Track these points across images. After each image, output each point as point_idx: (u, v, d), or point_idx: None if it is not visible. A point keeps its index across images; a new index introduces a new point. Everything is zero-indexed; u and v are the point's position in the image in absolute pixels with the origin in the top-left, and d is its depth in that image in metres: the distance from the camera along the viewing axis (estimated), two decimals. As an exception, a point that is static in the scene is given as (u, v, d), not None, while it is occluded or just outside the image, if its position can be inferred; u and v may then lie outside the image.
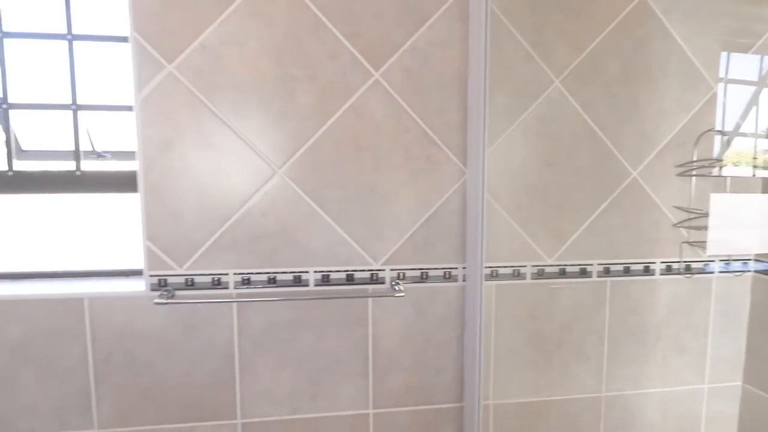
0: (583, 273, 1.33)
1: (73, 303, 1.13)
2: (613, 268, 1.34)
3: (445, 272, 1.25)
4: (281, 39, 1.13)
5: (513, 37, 1.22)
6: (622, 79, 1.29)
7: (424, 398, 1.28)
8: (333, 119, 1.17)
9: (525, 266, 1.30)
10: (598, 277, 1.33)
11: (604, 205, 1.31)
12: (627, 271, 1.35)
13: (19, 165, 1.26)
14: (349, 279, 1.22)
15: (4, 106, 1.20)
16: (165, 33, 1.09)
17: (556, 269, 1.31)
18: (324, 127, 1.17)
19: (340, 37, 1.15)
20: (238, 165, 1.15)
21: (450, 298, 1.26)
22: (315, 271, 1.20)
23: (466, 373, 1.26)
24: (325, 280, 1.21)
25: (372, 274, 1.23)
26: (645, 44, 1.29)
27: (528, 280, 1.30)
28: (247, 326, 1.19)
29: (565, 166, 1.28)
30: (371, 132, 1.19)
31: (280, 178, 1.17)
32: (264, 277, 1.19)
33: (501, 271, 1.29)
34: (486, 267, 1.20)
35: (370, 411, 1.26)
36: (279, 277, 1.19)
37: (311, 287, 1.21)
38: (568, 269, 1.32)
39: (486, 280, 1.22)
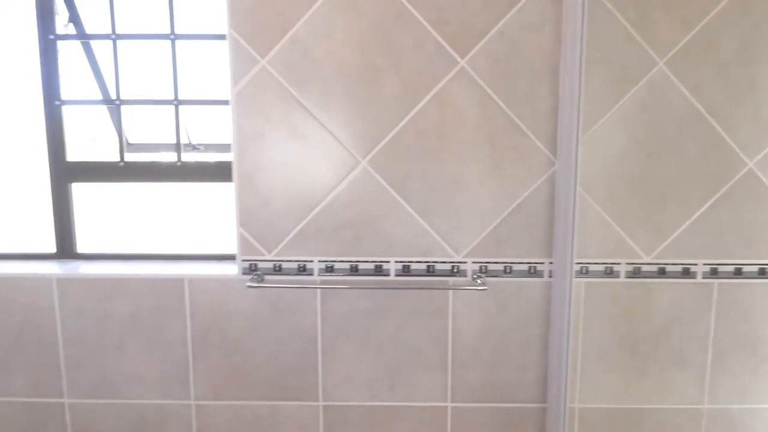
0: (686, 273, 1.21)
1: (175, 283, 1.22)
2: (721, 269, 1.21)
3: (530, 267, 1.20)
4: (367, 29, 1.14)
5: (611, 17, 1.14)
6: (738, 59, 1.15)
7: (504, 395, 1.25)
8: (416, 109, 1.16)
9: (619, 264, 1.21)
10: (704, 278, 1.21)
11: (714, 198, 1.19)
12: (738, 273, 1.21)
13: (128, 157, 1.38)
14: (430, 270, 1.21)
15: (117, 102, 1.33)
16: (258, 29, 1.14)
17: (654, 268, 1.21)
18: (407, 117, 1.16)
19: (426, 24, 1.13)
20: (324, 155, 1.18)
21: (535, 294, 1.21)
22: (396, 261, 1.21)
23: (551, 372, 1.21)
24: (406, 270, 1.21)
25: (453, 266, 1.21)
26: (765, 20, 1.14)
27: (622, 279, 1.21)
28: (329, 312, 1.22)
29: (667, 156, 1.18)
30: (455, 121, 1.16)
31: (363, 168, 1.18)
32: (346, 265, 1.21)
33: (592, 268, 1.21)
34: (576, 263, 1.13)
35: (449, 404, 1.25)
36: (361, 265, 1.21)
37: (392, 277, 1.21)
38: (669, 268, 1.21)
39: (575, 277, 1.16)
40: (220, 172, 1.29)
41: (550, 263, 1.20)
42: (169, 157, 1.38)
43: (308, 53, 1.15)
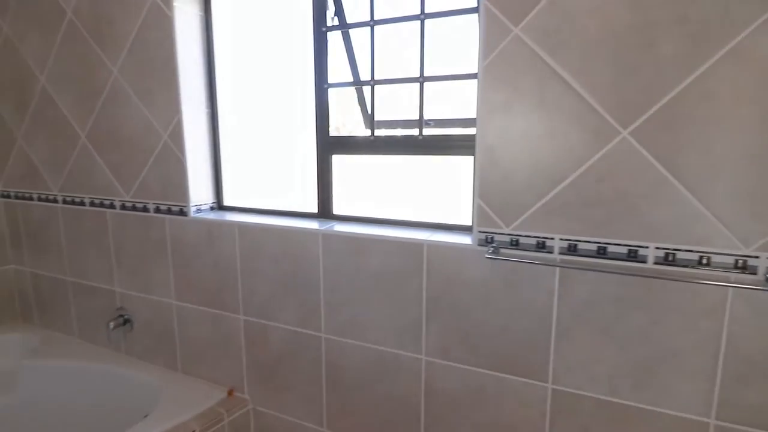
0: None
1: (415, 247, 1.33)
2: None
3: None
4: (642, -21, 0.99)
5: None
6: None
7: (800, 428, 0.99)
8: (703, 68, 0.97)
9: None
10: None
11: None
12: None
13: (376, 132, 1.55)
14: (703, 262, 1.02)
15: (372, 83, 1.48)
16: (513, -4, 1.11)
17: None
18: (689, 79, 0.98)
19: (728, -38, 0.92)
20: (576, 126, 1.10)
21: None
22: (656, 248, 1.06)
23: None
24: (668, 258, 1.05)
25: (738, 260, 0.99)
26: None
27: None
28: (568, 294, 1.16)
29: None
30: (759, 81, 0.93)
31: (623, 139, 1.05)
32: (593, 246, 1.12)
33: None
34: None
35: (712, 421, 1.06)
36: (610, 248, 1.10)
37: (649, 264, 1.07)
38: None
39: None
40: (458, 145, 1.33)
41: None
42: (408, 132, 1.49)
43: (567, 15, 1.06)
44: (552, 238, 1.16)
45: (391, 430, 1.47)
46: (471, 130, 1.29)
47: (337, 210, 1.61)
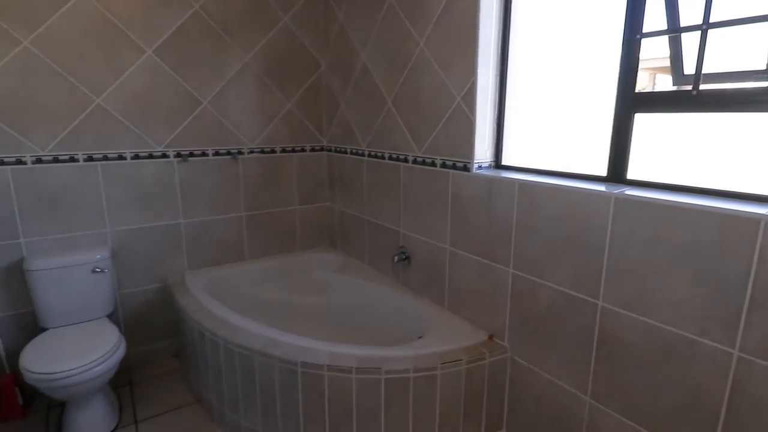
0: None
1: (746, 223, 1.11)
2: None
3: None
4: None
5: None
6: None
7: None
8: None
9: None
10: None
11: None
12: None
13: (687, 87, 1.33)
14: None
15: (704, 26, 1.27)
16: None
17: None
18: None
19: None
20: None
21: None
22: None
23: None
24: None
25: None
26: None
27: None
28: None
29: None
30: None
31: None
32: None
33: None
34: None
35: None
36: None
37: None
38: None
39: None
40: None
41: None
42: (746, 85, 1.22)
43: None
44: None
45: (671, 420, 1.32)
46: None
47: (631, 174, 1.48)
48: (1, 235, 2.15)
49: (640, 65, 1.44)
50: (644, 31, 1.40)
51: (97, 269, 2.21)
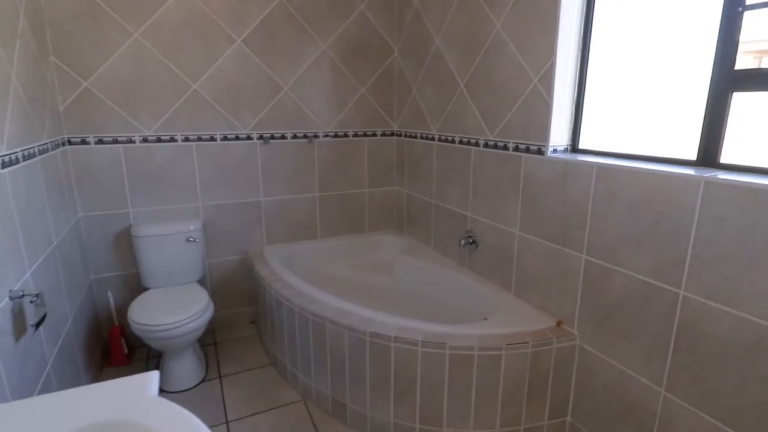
0: None
1: None
2: None
3: None
4: None
5: None
6: None
7: None
8: None
9: None
10: None
11: None
12: None
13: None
14: None
15: (822, -6, 1.16)
16: None
17: None
18: None
19: None
20: None
21: None
22: None
23: None
24: None
25: None
26: None
27: None
28: None
29: None
30: None
31: None
32: None
33: None
34: None
35: None
36: None
37: None
38: None
39: None
40: None
41: None
42: None
43: None
44: None
45: (757, 418, 1.25)
46: None
47: (725, 158, 1.39)
48: (114, 204, 2.46)
49: (744, 47, 1.34)
50: (747, 3, 1.29)
51: (191, 239, 2.47)
